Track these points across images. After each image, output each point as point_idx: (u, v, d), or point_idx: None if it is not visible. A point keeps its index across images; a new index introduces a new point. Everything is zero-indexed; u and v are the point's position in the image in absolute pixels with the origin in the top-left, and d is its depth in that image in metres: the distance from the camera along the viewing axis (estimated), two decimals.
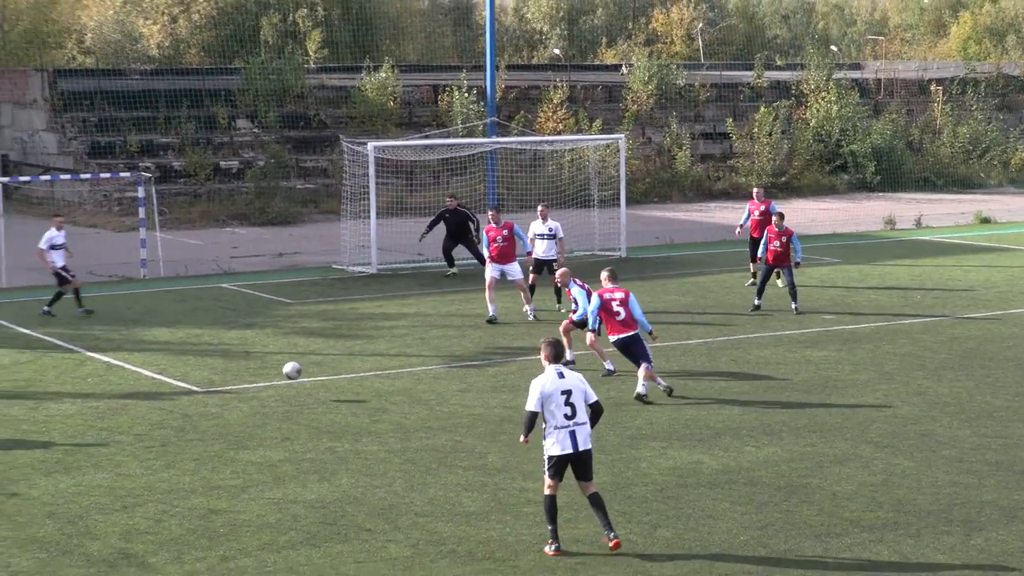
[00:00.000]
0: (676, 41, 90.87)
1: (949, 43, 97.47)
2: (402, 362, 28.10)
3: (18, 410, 24.08)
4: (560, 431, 16.70)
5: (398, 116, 61.39)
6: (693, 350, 29.03)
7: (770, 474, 20.06)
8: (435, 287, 37.50)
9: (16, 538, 17.56)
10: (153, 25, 75.81)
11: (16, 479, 20.12)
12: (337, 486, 19.66)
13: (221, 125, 59.50)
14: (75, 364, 28.08)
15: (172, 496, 19.22)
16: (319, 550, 17.06)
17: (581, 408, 16.79)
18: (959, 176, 66.04)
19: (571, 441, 16.68)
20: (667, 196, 59.82)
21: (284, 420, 23.43)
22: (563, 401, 16.71)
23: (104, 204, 54.58)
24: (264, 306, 35.15)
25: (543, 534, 17.46)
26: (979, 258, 42.89)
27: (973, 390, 25.30)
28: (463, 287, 37.34)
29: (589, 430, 16.85)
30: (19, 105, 60.35)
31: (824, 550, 16.96)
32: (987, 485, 19.49)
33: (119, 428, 22.95)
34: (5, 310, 34.11)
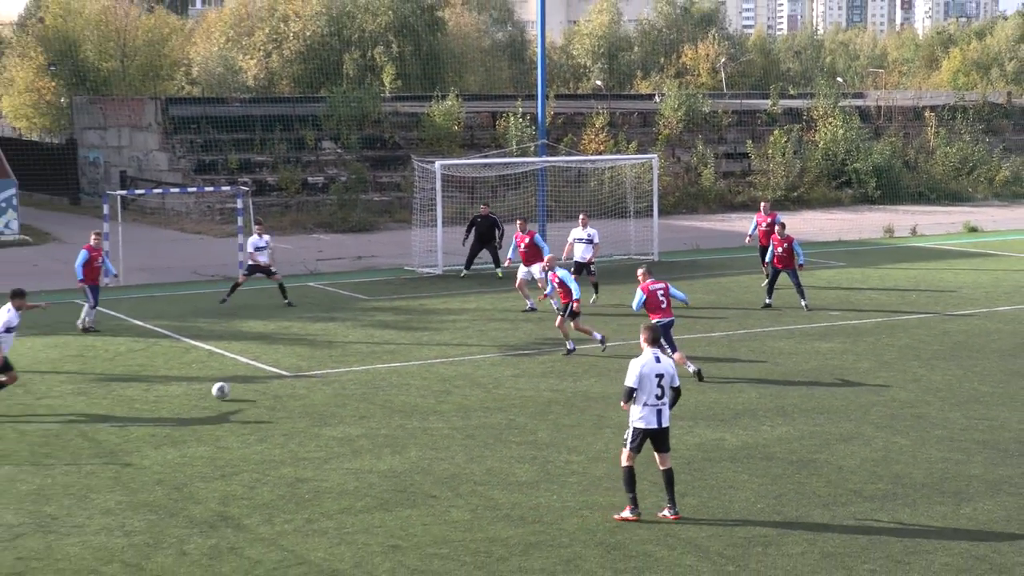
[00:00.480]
0: (702, 73, 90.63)
1: (941, 75, 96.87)
2: (463, 351, 28.04)
3: (132, 391, 24.16)
4: (649, 408, 16.53)
5: (461, 138, 61.46)
6: (716, 342, 28.88)
7: (783, 450, 19.91)
8: (492, 286, 37.43)
9: (130, 502, 17.59)
10: (251, 59, 76.22)
11: (130, 451, 20.18)
12: (407, 458, 19.61)
13: (309, 146, 59.69)
14: (181, 351, 28.16)
15: (264, 466, 19.22)
16: (391, 514, 17.02)
17: (668, 391, 16.63)
18: (950, 191, 65.59)
19: (656, 418, 16.54)
20: (694, 208, 59.59)
21: (361, 401, 23.41)
22: (656, 383, 16.51)
23: (207, 214, 54.79)
24: (344, 302, 35.17)
25: (586, 501, 17.43)
26: (967, 262, 42.52)
27: (962, 378, 25.07)
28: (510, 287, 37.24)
29: (669, 409, 16.71)
30: (136, 128, 60.65)
31: (831, 517, 16.82)
32: (975, 461, 19.30)
33: (219, 407, 22.98)
34: (123, 305, 34.23)
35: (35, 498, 17.78)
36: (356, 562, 15.34)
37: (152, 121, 59.32)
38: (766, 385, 24.44)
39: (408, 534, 16.25)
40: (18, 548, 15.87)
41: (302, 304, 34.59)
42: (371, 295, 36.07)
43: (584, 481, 18.39)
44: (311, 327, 31.11)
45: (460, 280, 38.30)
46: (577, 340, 27.51)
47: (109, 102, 64.51)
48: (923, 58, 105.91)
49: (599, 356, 27.16)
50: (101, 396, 23.04)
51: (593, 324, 28.14)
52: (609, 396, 23.57)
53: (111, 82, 70.26)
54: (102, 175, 62.91)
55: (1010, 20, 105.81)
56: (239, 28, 79.10)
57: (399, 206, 55.24)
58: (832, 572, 14.97)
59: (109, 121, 63.14)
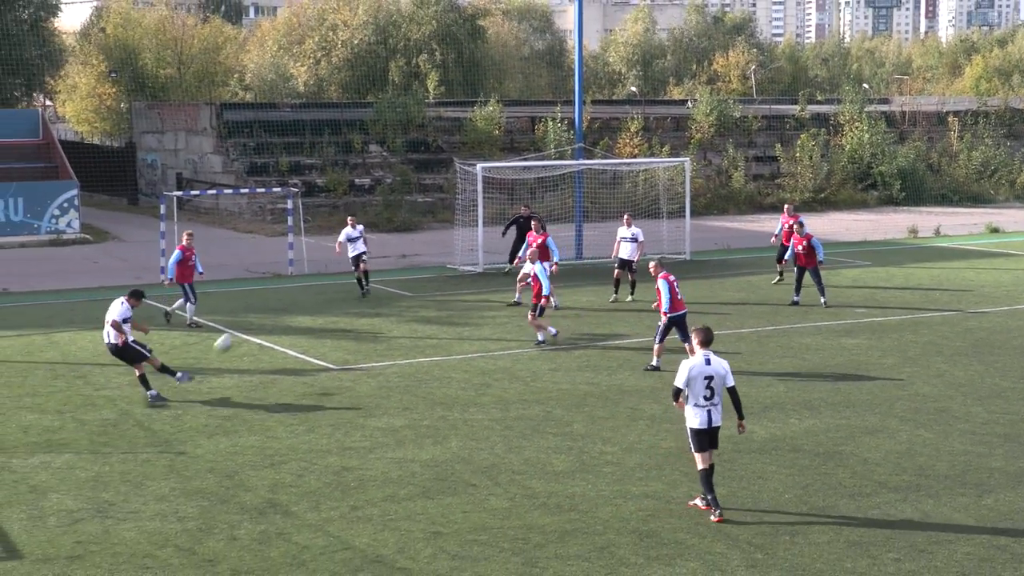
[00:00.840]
0: (733, 80, 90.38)
1: (964, 81, 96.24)
2: (503, 345, 27.98)
3: (186, 383, 24.19)
4: (699, 409, 16.25)
5: (502, 142, 61.37)
6: (746, 337, 28.71)
7: (810, 442, 19.77)
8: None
9: (183, 489, 17.62)
10: (301, 67, 76.42)
11: (184, 440, 20.22)
12: (448, 448, 19.57)
13: (356, 149, 59.75)
14: (233, 345, 28.16)
15: (311, 455, 19.22)
16: (433, 501, 16.98)
17: (718, 392, 16.28)
18: (972, 193, 65.12)
19: (707, 419, 16.23)
20: (724, 209, 59.34)
21: (405, 393, 23.38)
22: (705, 384, 16.21)
23: (259, 214, 54.92)
24: (389, 298, 35.17)
25: (620, 490, 17.36)
26: (989, 262, 42.18)
27: (984, 373, 24.84)
28: (553, 283, 37.15)
29: (721, 409, 16.36)
30: (192, 132, 60.87)
31: (856, 508, 16.69)
32: (996, 454, 19.11)
33: (269, 398, 23.01)
34: (178, 300, 34.28)
35: (93, 485, 17.83)
36: (399, 548, 15.31)
37: (207, 125, 59.51)
38: (794, 380, 24.27)
39: (449, 521, 16.20)
40: (77, 532, 15.91)
41: (348, 300, 34.62)
42: (415, 292, 36.06)
43: (618, 471, 18.29)
44: (357, 322, 31.12)
45: (500, 277, 38.23)
46: (608, 336, 27.39)
47: (166, 107, 64.80)
48: (946, 65, 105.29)
49: (633, 351, 27.07)
50: (157, 387, 23.08)
51: (585, 322, 28.04)
52: (642, 390, 23.49)
53: (168, 88, 70.63)
54: (159, 177, 63.19)
55: None
56: (290, 37, 79.35)
57: (442, 207, 55.21)
58: (857, 560, 14.84)
59: (166, 125, 63.40)
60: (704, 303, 33.53)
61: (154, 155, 64.37)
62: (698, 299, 34.10)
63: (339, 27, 77.31)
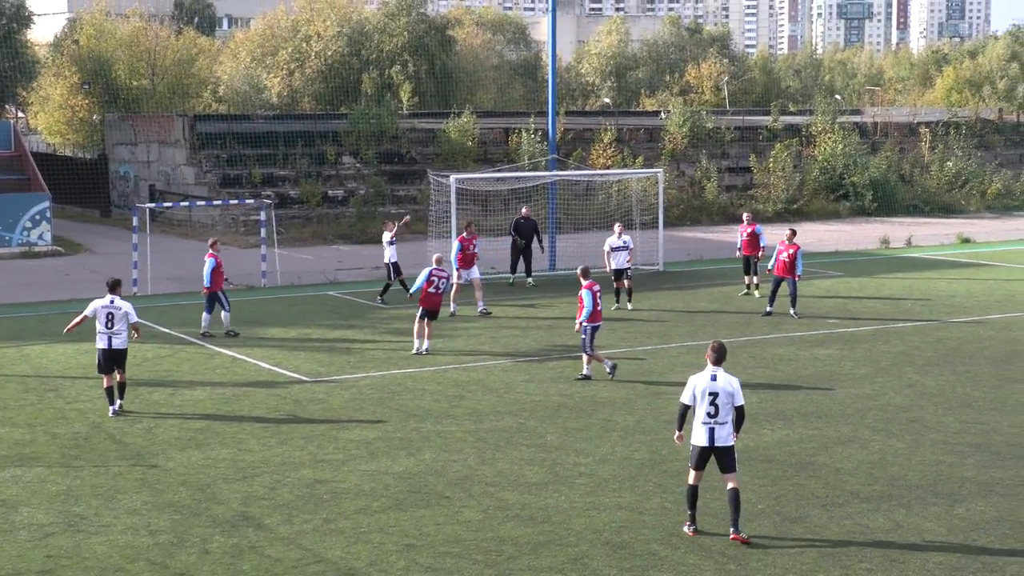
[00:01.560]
0: (706, 91, 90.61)
1: (935, 93, 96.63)
2: (476, 357, 27.96)
3: (158, 396, 24.11)
4: (703, 426, 15.95)
5: (475, 153, 61.40)
6: None
7: (783, 453, 19.80)
8: (504, 295, 37.36)
9: (155, 502, 17.54)
10: (274, 78, 76.34)
11: (156, 453, 20.13)
12: (421, 460, 19.53)
13: (329, 161, 59.71)
14: (206, 357, 28.11)
15: (284, 468, 19.16)
16: (405, 514, 16.94)
17: (725, 410, 15.88)
18: (943, 203, 65.45)
19: (710, 436, 15.90)
20: (698, 220, 59.50)
21: (378, 405, 23.34)
22: (709, 401, 15.92)
23: (232, 225, 54.78)
24: (363, 310, 35.11)
25: (594, 502, 17.35)
26: (960, 272, 42.37)
27: (955, 383, 24.94)
28: (528, 295, 37.22)
29: (731, 429, 15.92)
30: (164, 144, 60.70)
31: (829, 518, 16.72)
32: (968, 464, 19.18)
33: (241, 411, 22.93)
34: (150, 313, 34.16)
35: (64, 498, 17.74)
36: (372, 560, 15.26)
37: (180, 137, 59.35)
38: (766, 390, 24.31)
39: (422, 533, 16.16)
40: (48, 546, 15.81)
41: (321, 312, 34.57)
42: (388, 303, 35.99)
43: (591, 483, 18.29)
44: (330, 334, 31.06)
45: (472, 289, 38.18)
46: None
47: (139, 119, 64.61)
48: (918, 76, 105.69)
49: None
50: (129, 400, 22.98)
51: (558, 333, 28.01)
52: (616, 401, 23.49)
53: (141, 100, 70.43)
54: (132, 189, 62.98)
55: (1001, 40, 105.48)
56: (264, 48, 79.24)
57: (415, 218, 55.02)
58: (830, 571, 14.86)
59: (139, 137, 63.21)
60: (677, 312, 33.59)
61: (127, 167, 64.16)
62: (671, 309, 34.19)
63: (312, 38, 77.24)
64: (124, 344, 22.66)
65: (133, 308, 22.81)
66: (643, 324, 32.08)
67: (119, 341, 22.57)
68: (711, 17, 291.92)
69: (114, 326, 22.52)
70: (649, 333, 30.74)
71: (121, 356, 22.68)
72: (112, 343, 22.54)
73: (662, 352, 28.37)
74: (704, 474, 16.12)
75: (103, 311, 22.61)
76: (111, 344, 22.53)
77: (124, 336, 22.61)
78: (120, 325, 22.53)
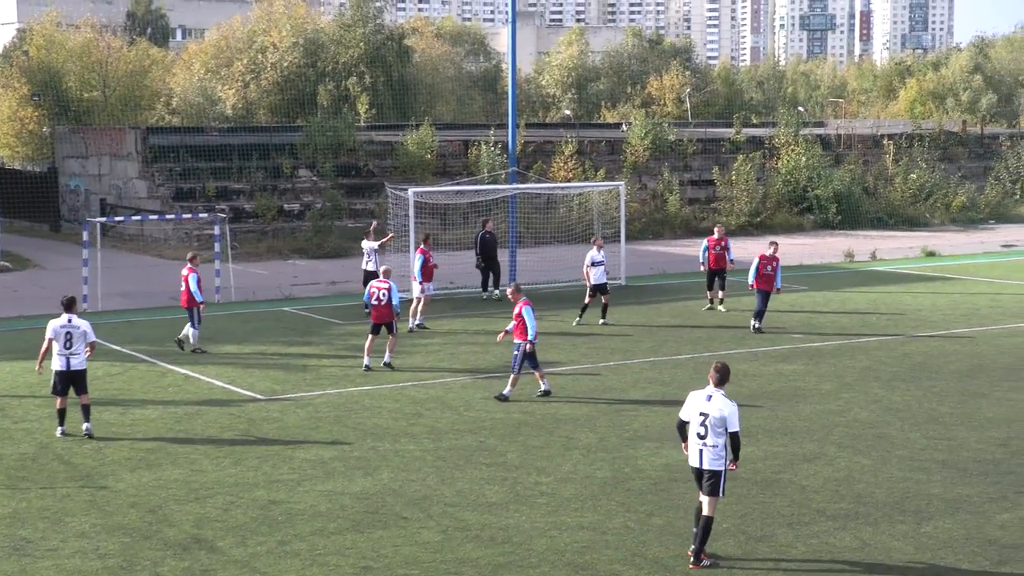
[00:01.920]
0: (668, 103, 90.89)
1: (899, 105, 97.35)
2: (435, 374, 27.83)
3: (109, 415, 23.85)
4: (694, 445, 15.87)
5: (434, 166, 61.29)
6: (682, 364, 28.72)
7: (748, 470, 19.73)
8: (464, 310, 37.25)
9: (105, 525, 17.32)
10: (229, 90, 75.99)
11: (106, 474, 19.89)
12: (379, 480, 19.39)
13: (285, 174, 59.47)
14: (158, 375, 27.87)
15: (238, 489, 18.96)
16: (363, 535, 16.79)
17: (715, 433, 15.67)
18: (908, 216, 65.82)
19: (698, 457, 15.79)
20: (660, 233, 59.58)
21: (335, 423, 23.17)
22: (699, 421, 15.81)
23: (186, 240, 54.45)
24: (319, 326, 34.93)
25: (555, 521, 17.28)
26: (925, 286, 42.56)
27: (921, 398, 24.99)
28: (486, 310, 37.10)
29: (721, 453, 15.71)
30: (116, 157, 60.31)
31: (795, 536, 16.67)
32: (935, 480, 19.19)
33: (194, 430, 22.72)
34: (101, 330, 33.66)
35: (10, 521, 17.48)
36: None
37: (132, 150, 58.98)
38: None
39: (379, 555, 16.01)
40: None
41: (276, 328, 34.36)
42: (345, 320, 35.81)
43: (553, 502, 18.19)
44: (286, 351, 30.86)
45: (432, 304, 38.09)
46: (542, 363, 27.30)
47: (90, 131, 64.17)
48: (881, 88, 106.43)
49: (568, 379, 27.01)
50: (78, 420, 22.70)
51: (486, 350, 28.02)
52: (577, 418, 23.41)
53: (92, 112, 69.93)
54: (83, 203, 62.51)
55: (964, 52, 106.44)
56: (218, 59, 78.90)
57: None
58: None
59: (90, 150, 62.79)
60: (639, 327, 33.55)
61: (77, 180, 63.69)
62: (633, 324, 34.16)
63: (268, 49, 77.00)
64: (83, 365, 22.29)
65: (91, 327, 22.51)
66: (606, 339, 32.04)
67: (77, 362, 22.18)
68: (673, 28, 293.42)
69: (72, 346, 22.11)
70: (612, 349, 30.69)
71: (81, 377, 22.26)
72: (71, 364, 22.12)
73: (624, 368, 28.31)
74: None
75: (61, 331, 22.12)
76: (69, 365, 22.12)
77: (83, 356, 22.25)
78: (79, 345, 22.16)
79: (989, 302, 38.50)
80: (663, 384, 26.38)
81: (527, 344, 24.78)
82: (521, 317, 24.84)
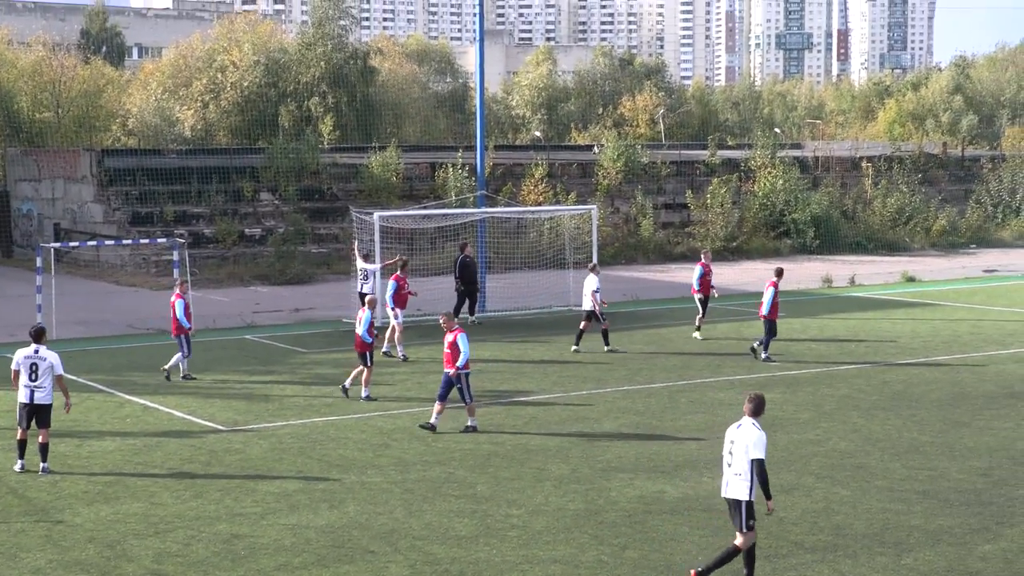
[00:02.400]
0: (641, 124, 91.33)
1: (877, 126, 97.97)
2: (402, 404, 27.90)
3: (64, 447, 23.82)
4: (725, 473, 16.14)
5: (400, 189, 61.46)
6: (656, 392, 28.86)
7: (723, 502, 19.79)
8: (430, 337, 37.25)
9: (61, 560, 17.31)
10: (187, 110, 75.98)
11: (62, 508, 19.88)
12: (345, 513, 19.44)
13: (246, 197, 59.52)
14: (115, 406, 27.86)
15: (199, 523, 18.99)
16: (328, 570, 16.84)
17: (739, 460, 15.90)
18: (887, 241, 66.26)
19: (725, 486, 16.06)
20: (633, 258, 59.84)
21: (299, 455, 23.21)
22: (728, 448, 16.09)
23: (143, 266, 54.42)
24: (282, 355, 34.95)
25: (526, 555, 17.35)
26: (905, 312, 42.87)
27: (902, 427, 25.18)
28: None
29: (745, 481, 15.86)
30: (71, 180, 60.25)
31: (772, 569, 16.79)
32: (915, 511, 19.35)
33: (153, 463, 22.72)
34: None
35: None
36: None
37: (87, 173, 58.95)
38: (706, 436, 24.41)
39: None
40: None
41: (237, 357, 34.37)
42: (309, 348, 35.85)
43: (524, 535, 18.28)
44: (248, 380, 30.88)
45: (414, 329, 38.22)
46: (513, 392, 27.40)
47: (43, 153, 64.09)
48: (859, 109, 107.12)
49: (539, 407, 27.13)
50: (33, 451, 22.66)
51: (488, 378, 28.10)
52: (549, 449, 23.50)
53: (45, 133, 69.88)
54: (36, 227, 62.38)
55: (945, 72, 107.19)
56: (176, 79, 78.93)
57: (337, 258, 55.09)
58: None
59: (43, 173, 62.69)
60: (613, 355, 33.67)
61: (30, 204, 63.56)
62: (607, 352, 34.26)
63: (228, 68, 77.05)
64: (48, 399, 21.90)
65: (60, 360, 22.15)
66: (578, 367, 32.17)
67: (42, 395, 21.83)
68: (645, 47, 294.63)
69: (38, 379, 21.79)
70: (584, 377, 30.82)
71: (44, 412, 21.87)
72: (34, 397, 21.79)
73: (597, 397, 28.43)
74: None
75: (26, 362, 21.86)
76: (33, 398, 21.78)
77: (48, 390, 21.91)
78: (45, 378, 21.84)
79: (971, 329, 38.82)
80: (637, 414, 26.51)
81: (454, 372, 24.86)
82: (456, 345, 24.91)
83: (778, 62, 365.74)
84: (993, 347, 35.27)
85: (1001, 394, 28.61)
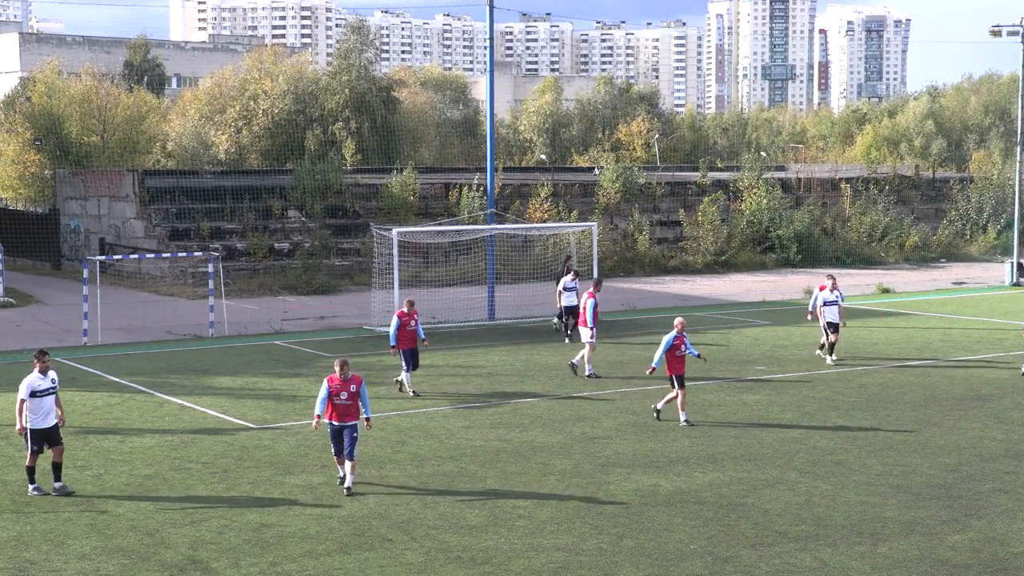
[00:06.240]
0: (637, 148, 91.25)
1: (855, 150, 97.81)
2: (418, 404, 27.86)
3: (108, 443, 23.83)
4: None
5: (417, 208, 61.45)
6: (652, 394, 28.77)
7: (714, 495, 19.83)
8: (445, 344, 37.27)
9: (104, 547, 17.29)
10: (222, 135, 76.05)
11: (105, 499, 19.86)
12: (365, 504, 19.40)
13: (275, 214, 59.54)
14: (155, 405, 27.84)
15: (231, 513, 18.96)
16: (350, 556, 16.80)
17: None
18: (864, 255, 66.21)
19: None
20: (630, 271, 59.78)
21: (323, 451, 23.14)
22: None
23: (181, 277, 54.42)
24: (308, 359, 34.91)
25: (532, 543, 17.29)
26: (881, 321, 42.78)
27: (878, 427, 25.11)
28: (467, 344, 37.17)
29: None
30: (115, 199, 60.29)
31: (758, 557, 16.74)
32: (890, 504, 19.29)
33: (190, 457, 22.70)
34: (101, 362, 33.87)
35: (15, 544, 17.45)
36: None
37: (130, 192, 58.98)
38: (698, 434, 24.38)
39: (366, 575, 16.06)
40: None
41: (267, 361, 34.35)
42: (333, 352, 35.80)
43: (530, 525, 18.23)
44: (276, 382, 30.85)
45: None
46: (520, 394, 27.38)
47: (90, 174, 64.15)
48: (839, 134, 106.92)
49: (545, 408, 27.08)
50: (79, 447, 22.68)
51: (497, 381, 28.05)
52: (553, 446, 23.46)
53: (92, 156, 69.96)
54: (83, 242, 62.43)
55: (919, 99, 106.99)
56: (212, 106, 78.96)
57: (359, 270, 55.08)
58: None
59: (90, 192, 62.74)
60: (611, 362, 33.62)
61: (77, 220, 63.63)
62: (606, 359, 34.21)
63: (260, 96, 77.11)
64: (55, 421, 20.42)
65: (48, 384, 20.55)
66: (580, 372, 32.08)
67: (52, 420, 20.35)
68: (642, 77, 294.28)
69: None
70: (584, 381, 30.75)
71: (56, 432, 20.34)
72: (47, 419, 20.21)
73: (597, 399, 28.36)
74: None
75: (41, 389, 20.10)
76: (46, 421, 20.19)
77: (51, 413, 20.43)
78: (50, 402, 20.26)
79: (941, 336, 38.73)
80: (634, 414, 26.47)
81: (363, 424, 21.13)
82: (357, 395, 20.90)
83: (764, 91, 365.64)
84: (962, 353, 35.19)
85: (969, 396, 28.53)
